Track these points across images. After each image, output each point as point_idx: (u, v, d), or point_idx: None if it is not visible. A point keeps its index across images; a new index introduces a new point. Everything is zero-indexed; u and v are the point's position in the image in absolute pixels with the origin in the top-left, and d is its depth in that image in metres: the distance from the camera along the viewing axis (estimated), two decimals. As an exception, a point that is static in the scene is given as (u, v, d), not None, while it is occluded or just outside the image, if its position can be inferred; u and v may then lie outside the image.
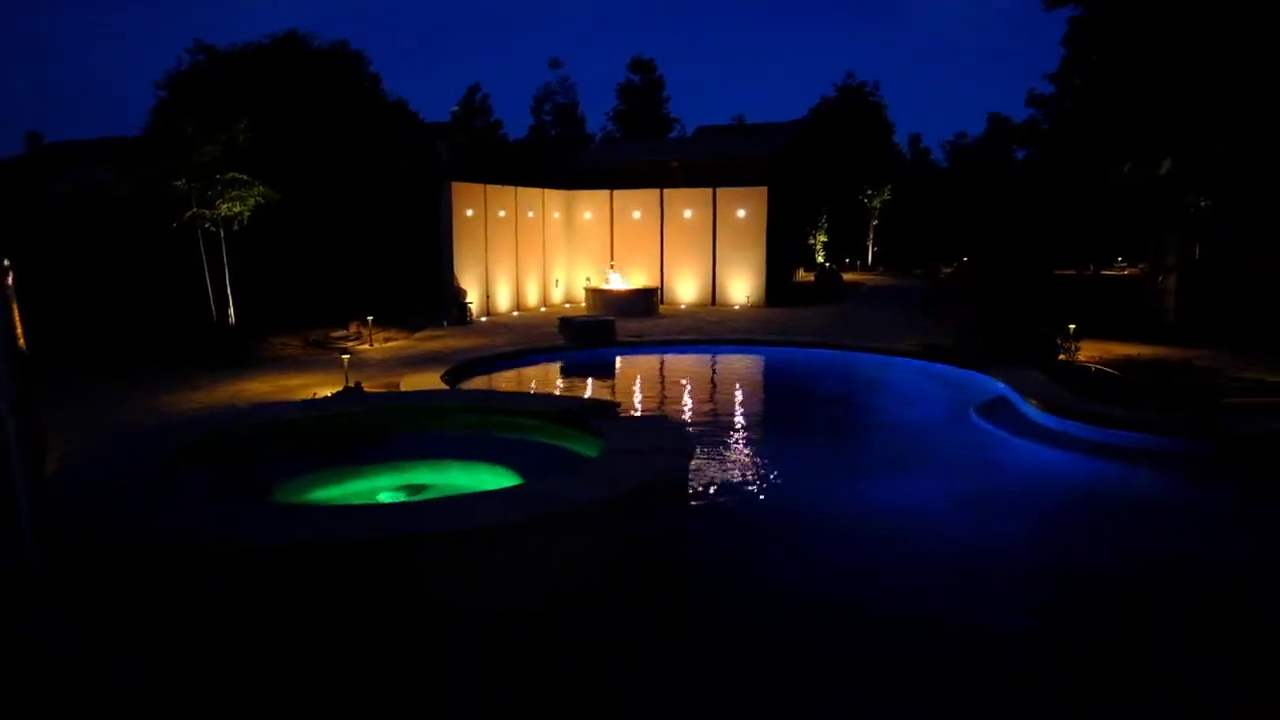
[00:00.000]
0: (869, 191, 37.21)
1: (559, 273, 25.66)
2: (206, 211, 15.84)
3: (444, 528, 4.59)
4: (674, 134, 46.84)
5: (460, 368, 13.65)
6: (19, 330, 4.78)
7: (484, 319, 21.47)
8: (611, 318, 16.93)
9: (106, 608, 4.64)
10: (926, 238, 39.05)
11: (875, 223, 37.66)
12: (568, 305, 25.25)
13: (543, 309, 24.37)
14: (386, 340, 17.23)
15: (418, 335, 18.24)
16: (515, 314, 23.01)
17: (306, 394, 11.83)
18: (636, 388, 14.03)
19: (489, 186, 22.50)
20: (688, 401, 12.68)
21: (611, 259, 25.23)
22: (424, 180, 24.31)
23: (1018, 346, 14.09)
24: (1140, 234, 28.56)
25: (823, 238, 37.63)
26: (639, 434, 6.74)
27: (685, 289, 24.99)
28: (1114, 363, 14.13)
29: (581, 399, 9.07)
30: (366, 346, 16.50)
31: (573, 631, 4.82)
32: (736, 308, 23.95)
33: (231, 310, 16.62)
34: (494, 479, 6.86)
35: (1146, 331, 17.79)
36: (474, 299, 21.38)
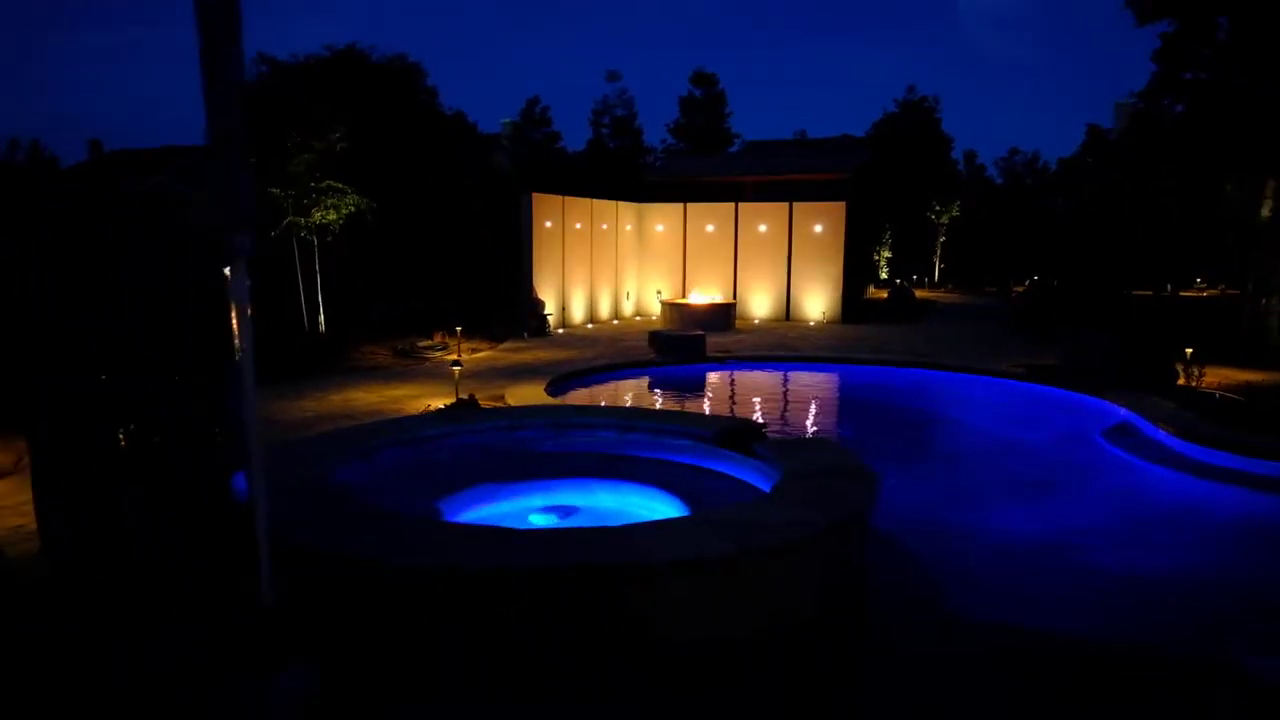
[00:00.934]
0: (936, 207, 36.73)
1: (630, 285, 25.51)
2: (302, 219, 15.92)
3: (670, 557, 4.36)
4: (734, 149, 46.62)
5: (560, 380, 13.50)
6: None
7: (560, 331, 21.36)
8: (701, 332, 16.68)
9: (340, 642, 4.48)
10: (992, 255, 38.47)
11: (943, 239, 37.14)
12: (638, 318, 25.09)
13: (615, 321, 24.22)
14: (473, 351, 17.15)
15: (502, 346, 18.15)
16: (590, 326, 22.87)
17: (414, 405, 11.74)
18: (750, 405, 13.77)
19: (566, 198, 22.43)
20: (808, 421, 12.40)
21: (684, 276, 25.12)
22: (484, 191, 24.32)
23: (1133, 371, 13.60)
24: (1227, 254, 27.84)
25: (886, 254, 37.10)
26: (808, 457, 6.47)
27: (759, 304, 24.69)
28: (1232, 389, 13.61)
29: (733, 418, 8.83)
30: (454, 357, 16.42)
31: (791, 665, 4.57)
32: (812, 324, 23.60)
33: (322, 318, 16.66)
34: (650, 503, 6.63)
35: (1249, 355, 17.16)
36: (550, 310, 21.27)
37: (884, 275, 36.83)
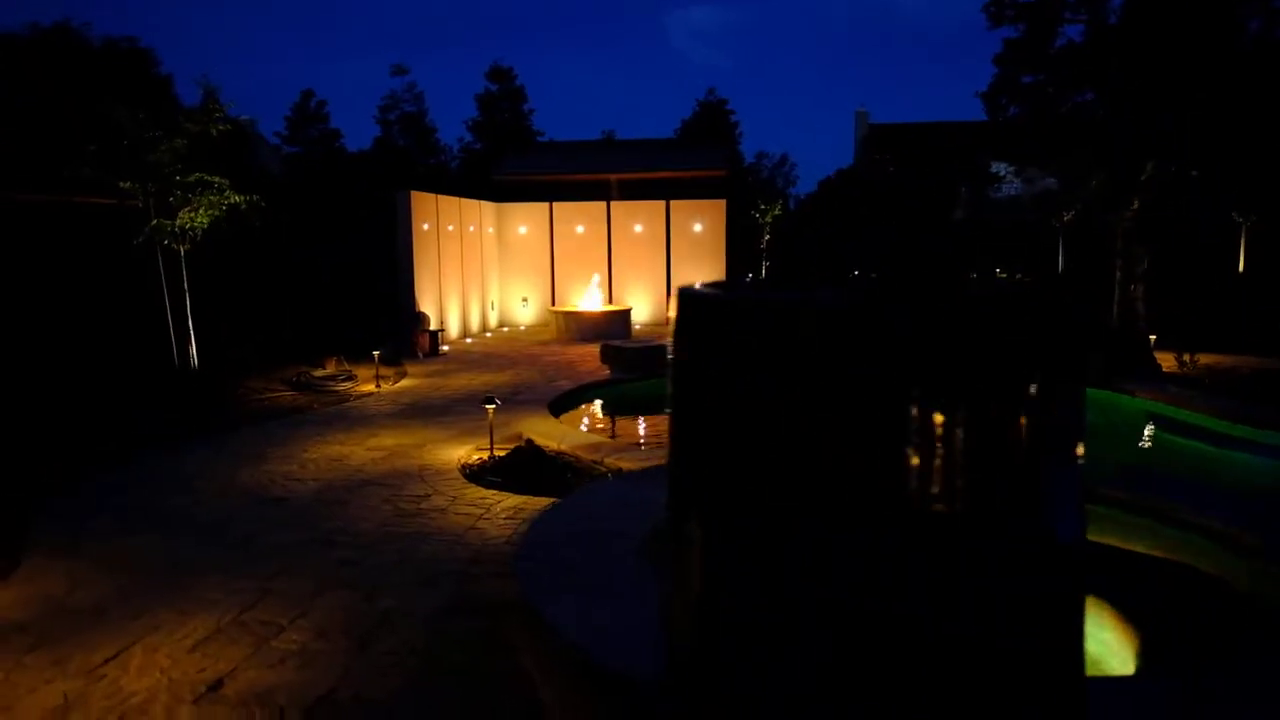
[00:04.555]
0: (761, 206, 37.13)
1: (494, 294, 23.09)
2: (168, 224, 12.40)
3: None
4: (547, 143, 44.73)
5: (552, 406, 11.39)
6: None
7: (445, 349, 18.65)
8: (663, 342, 14.96)
9: None
10: (812, 252, 39.71)
11: (768, 237, 37.61)
12: (505, 329, 22.79)
13: (488, 334, 21.75)
14: (389, 380, 14.25)
15: (414, 371, 15.33)
16: (469, 340, 20.30)
17: (432, 455, 9.17)
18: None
19: (440, 197, 19.74)
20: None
21: (553, 282, 23.14)
22: (263, 194, 20.87)
23: (1117, 361, 13.69)
24: (1035, 244, 30.23)
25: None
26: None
27: (638, 308, 23.16)
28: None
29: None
30: (372, 387, 13.55)
31: None
32: (698, 327, 22.47)
33: (194, 350, 13.13)
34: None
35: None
36: (437, 326, 18.57)
37: (710, 275, 36.76)
